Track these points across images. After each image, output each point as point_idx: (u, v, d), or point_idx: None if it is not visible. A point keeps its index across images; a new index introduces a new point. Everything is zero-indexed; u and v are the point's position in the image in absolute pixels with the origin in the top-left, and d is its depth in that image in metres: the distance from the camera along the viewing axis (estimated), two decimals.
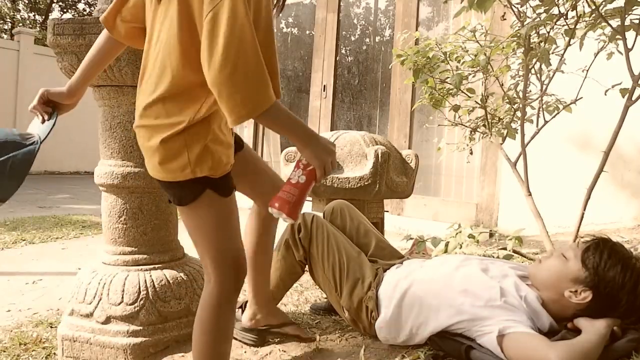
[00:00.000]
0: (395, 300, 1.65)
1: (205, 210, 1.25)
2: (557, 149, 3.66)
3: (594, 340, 1.32)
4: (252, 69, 1.10)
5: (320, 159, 1.24)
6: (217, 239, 1.29)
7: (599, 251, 1.44)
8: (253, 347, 1.80)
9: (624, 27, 1.95)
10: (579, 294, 1.42)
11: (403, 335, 1.64)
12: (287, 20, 6.92)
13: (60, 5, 17.04)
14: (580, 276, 1.43)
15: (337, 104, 5.76)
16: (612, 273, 1.40)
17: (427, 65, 2.59)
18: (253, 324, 1.76)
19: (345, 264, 1.80)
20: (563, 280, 1.45)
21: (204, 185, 1.22)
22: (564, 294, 1.44)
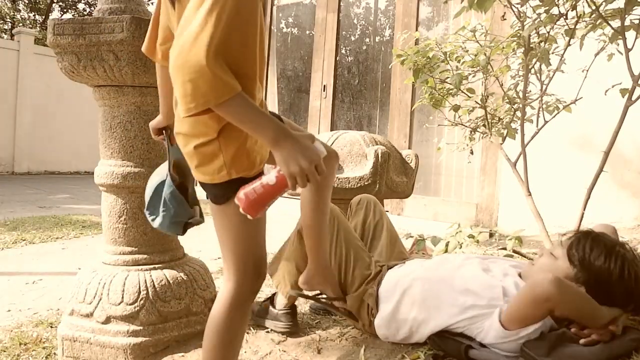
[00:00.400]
0: (395, 298, 1.67)
1: (237, 211, 1.21)
2: (557, 149, 3.66)
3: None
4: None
5: (289, 166, 1.10)
6: (243, 241, 1.30)
7: (582, 246, 1.45)
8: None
9: (624, 27, 1.95)
10: None
11: (402, 333, 1.65)
12: (287, 20, 6.92)
13: (60, 5, 17.04)
14: (570, 274, 1.44)
15: (337, 104, 5.76)
16: (597, 264, 1.41)
17: (427, 65, 2.59)
18: (307, 287, 1.77)
19: (352, 260, 1.81)
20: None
21: (238, 186, 1.19)
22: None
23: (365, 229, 2.01)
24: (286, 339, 1.90)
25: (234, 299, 1.31)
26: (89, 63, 1.77)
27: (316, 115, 5.59)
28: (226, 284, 1.33)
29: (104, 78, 1.81)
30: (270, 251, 3.76)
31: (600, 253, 1.42)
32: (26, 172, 10.83)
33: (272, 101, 6.16)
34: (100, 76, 1.80)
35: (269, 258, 3.45)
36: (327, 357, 1.73)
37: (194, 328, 1.93)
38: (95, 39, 1.74)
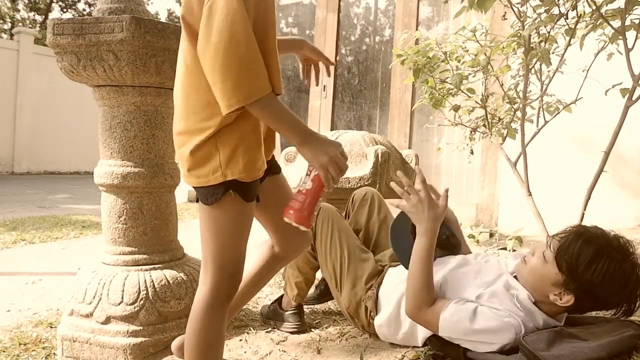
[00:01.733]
0: (396, 299, 1.67)
1: (223, 213, 1.24)
2: (557, 149, 3.66)
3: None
4: (245, 56, 1.10)
5: (318, 159, 1.19)
6: (227, 244, 1.28)
7: (570, 251, 1.39)
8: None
9: (624, 27, 1.95)
10: (563, 297, 1.42)
11: (402, 334, 1.66)
12: (287, 20, 6.92)
13: (60, 5, 17.04)
14: (559, 280, 1.41)
15: (337, 104, 5.75)
16: (588, 274, 1.36)
17: (427, 65, 2.59)
18: (178, 353, 1.61)
19: (347, 261, 1.81)
20: (545, 284, 1.44)
21: (230, 187, 1.21)
22: (549, 297, 1.44)
23: (370, 227, 2.01)
24: (286, 339, 1.90)
25: (210, 302, 1.30)
26: (88, 63, 1.77)
27: (316, 115, 5.59)
28: (202, 286, 1.32)
29: (104, 78, 1.81)
30: None
31: (592, 261, 1.36)
32: (26, 172, 10.83)
33: None
34: (100, 76, 1.80)
35: None
36: (327, 357, 1.73)
37: None
38: (95, 38, 1.73)
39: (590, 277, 1.36)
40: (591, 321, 1.56)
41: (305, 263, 1.94)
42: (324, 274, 1.90)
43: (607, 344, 1.35)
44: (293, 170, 2.68)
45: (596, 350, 1.34)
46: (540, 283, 1.45)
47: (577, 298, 1.40)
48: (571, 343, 1.37)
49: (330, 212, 1.89)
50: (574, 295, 1.40)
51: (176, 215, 2.04)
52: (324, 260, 1.85)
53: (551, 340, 1.37)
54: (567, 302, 1.41)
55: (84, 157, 11.15)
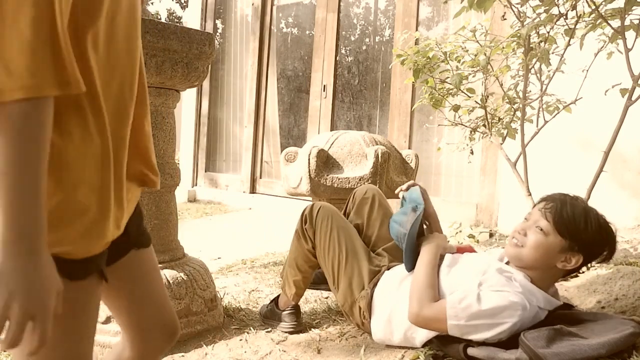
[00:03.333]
0: (391, 303, 1.68)
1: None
2: (557, 149, 3.65)
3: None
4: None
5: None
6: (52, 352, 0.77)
7: (565, 217, 1.48)
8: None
9: (624, 27, 1.95)
10: (571, 260, 1.50)
11: (397, 337, 1.66)
12: (287, 20, 6.92)
13: None
14: (564, 246, 1.49)
15: (337, 104, 5.75)
16: (586, 231, 1.47)
17: (427, 65, 2.59)
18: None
19: (344, 259, 1.82)
20: (552, 254, 1.50)
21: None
22: (557, 265, 1.51)
23: (371, 223, 2.02)
24: (286, 338, 1.90)
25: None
26: None
27: (316, 115, 5.59)
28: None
29: None
30: (271, 250, 3.76)
31: (583, 219, 1.48)
32: None
33: (272, 101, 6.17)
34: None
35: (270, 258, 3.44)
36: (327, 357, 1.73)
37: (193, 328, 1.93)
38: None
39: (588, 232, 1.47)
40: (591, 318, 1.56)
41: (305, 261, 1.95)
42: (323, 270, 1.92)
43: (607, 342, 1.35)
44: (293, 170, 2.68)
45: (596, 348, 1.34)
46: (547, 255, 1.50)
47: (583, 255, 1.49)
48: (571, 341, 1.38)
49: (330, 210, 1.91)
50: (581, 254, 1.49)
51: (176, 215, 2.04)
52: (323, 258, 1.87)
53: (551, 337, 1.38)
54: (577, 263, 1.49)
55: None
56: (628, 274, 1.94)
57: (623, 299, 1.80)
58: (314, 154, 2.50)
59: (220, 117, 6.59)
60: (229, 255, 3.42)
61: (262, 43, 6.07)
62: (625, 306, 1.76)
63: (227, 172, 6.43)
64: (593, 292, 1.91)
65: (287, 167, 2.73)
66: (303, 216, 1.94)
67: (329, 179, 2.52)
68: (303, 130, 5.96)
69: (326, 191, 2.54)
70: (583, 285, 1.99)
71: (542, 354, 1.32)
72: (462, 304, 1.46)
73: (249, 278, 2.76)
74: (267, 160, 6.13)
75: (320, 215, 1.89)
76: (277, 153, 6.07)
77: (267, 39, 6.07)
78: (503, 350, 1.43)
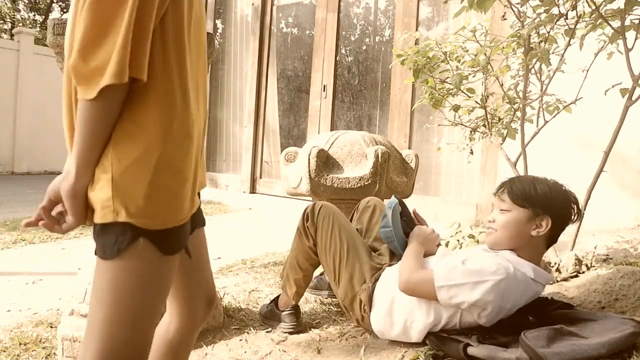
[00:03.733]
0: (391, 296, 1.72)
1: (125, 271, 0.86)
2: (557, 149, 3.65)
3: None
4: None
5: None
6: (122, 320, 0.86)
7: (518, 190, 1.63)
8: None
9: (624, 27, 1.95)
10: (541, 225, 1.60)
11: (396, 330, 1.69)
12: (287, 20, 6.92)
13: (60, 5, 17.04)
14: (529, 215, 1.61)
15: (337, 104, 5.75)
16: (542, 193, 1.60)
17: (427, 65, 2.59)
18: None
19: (346, 255, 1.86)
20: (522, 226, 1.61)
21: (139, 232, 0.85)
22: (531, 234, 1.61)
23: (371, 226, 2.09)
24: (286, 339, 1.90)
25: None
26: None
27: (316, 115, 5.59)
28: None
29: None
30: (271, 250, 3.76)
31: (533, 185, 1.62)
32: (26, 172, 10.83)
33: (272, 101, 6.17)
34: None
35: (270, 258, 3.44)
36: (327, 357, 1.73)
37: None
38: None
39: (542, 194, 1.60)
40: (591, 318, 1.56)
41: (306, 259, 1.97)
42: (324, 267, 1.94)
43: (608, 341, 1.35)
44: (292, 170, 2.68)
45: (596, 347, 1.34)
46: (518, 228, 1.62)
47: (550, 216, 1.59)
48: (571, 340, 1.38)
49: (331, 209, 1.96)
50: (547, 215, 1.59)
51: None
52: (324, 254, 1.90)
53: (551, 337, 1.38)
54: (547, 225, 1.60)
55: None
56: (628, 274, 1.95)
57: (623, 299, 1.80)
58: (314, 154, 2.50)
59: (220, 117, 6.59)
60: (229, 255, 3.42)
61: (262, 43, 6.07)
62: (625, 306, 1.76)
63: (227, 172, 6.43)
64: (593, 292, 1.91)
65: (287, 167, 2.73)
66: (305, 214, 1.97)
67: (329, 179, 2.52)
68: (303, 130, 5.96)
69: (326, 191, 2.54)
70: (583, 285, 1.99)
71: (542, 353, 1.32)
72: (448, 267, 1.59)
73: (249, 278, 2.76)
74: (267, 160, 6.14)
75: (322, 213, 1.93)
76: (277, 153, 6.07)
77: (267, 39, 6.07)
78: (503, 349, 1.43)
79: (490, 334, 1.54)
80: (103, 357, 0.86)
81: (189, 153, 0.89)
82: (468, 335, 1.53)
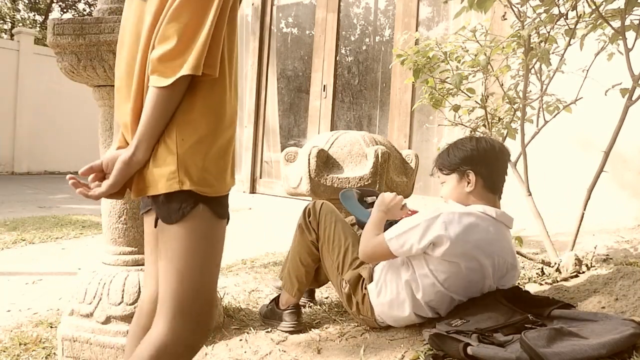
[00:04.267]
0: (386, 269, 1.85)
1: (192, 233, 1.02)
2: (557, 149, 3.66)
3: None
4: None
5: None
6: (193, 275, 1.03)
7: (440, 159, 1.86)
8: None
9: (624, 28, 1.95)
10: (469, 179, 1.78)
11: (389, 296, 1.80)
12: (287, 20, 6.93)
13: (60, 5, 17.04)
14: (456, 176, 1.81)
15: (337, 104, 5.75)
16: (456, 153, 1.81)
17: (427, 65, 2.59)
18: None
19: (350, 246, 1.94)
20: (458, 188, 1.81)
21: (197, 200, 1.01)
22: (467, 190, 1.79)
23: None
24: (286, 339, 1.90)
25: (163, 350, 1.01)
26: (89, 63, 1.77)
27: (316, 115, 5.59)
28: (157, 327, 1.04)
29: (104, 78, 1.81)
30: (271, 250, 3.75)
31: (455, 150, 1.82)
32: (26, 172, 10.83)
33: (272, 101, 6.17)
34: (100, 76, 1.80)
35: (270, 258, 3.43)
36: (327, 357, 1.73)
37: None
38: (95, 39, 1.73)
39: (456, 155, 1.80)
40: (592, 318, 1.56)
41: (308, 254, 2.02)
42: (326, 259, 1.99)
43: (608, 342, 1.35)
44: (292, 170, 2.68)
45: (596, 348, 1.34)
46: (456, 190, 1.82)
47: (471, 169, 1.77)
48: (571, 341, 1.38)
49: (330, 207, 2.06)
50: (471, 171, 1.77)
51: None
52: (328, 247, 1.98)
53: (552, 337, 1.38)
54: (474, 178, 1.77)
55: (84, 157, 11.11)
56: (628, 274, 1.94)
57: (623, 299, 1.80)
58: (314, 154, 2.50)
59: None
60: (229, 255, 3.42)
61: (262, 43, 6.07)
62: (625, 306, 1.76)
63: None
64: (593, 292, 1.90)
65: (287, 167, 2.73)
66: (306, 210, 2.06)
67: (329, 179, 2.52)
68: (303, 130, 5.96)
69: (326, 191, 2.54)
70: (583, 285, 1.99)
71: (542, 353, 1.32)
72: (397, 226, 1.77)
73: (249, 278, 2.76)
74: (267, 160, 6.14)
75: (324, 210, 2.03)
76: (277, 153, 6.07)
77: (267, 39, 6.07)
78: (503, 349, 1.43)
79: (490, 333, 1.54)
80: (180, 308, 1.02)
81: (232, 138, 1.06)
82: (468, 334, 1.53)
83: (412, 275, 1.76)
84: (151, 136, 0.98)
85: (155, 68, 0.95)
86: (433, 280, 1.72)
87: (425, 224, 1.68)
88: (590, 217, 2.31)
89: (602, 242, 2.95)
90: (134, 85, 1.02)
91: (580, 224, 2.25)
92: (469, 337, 1.51)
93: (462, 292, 1.73)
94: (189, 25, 0.94)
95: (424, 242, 1.67)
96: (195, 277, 1.03)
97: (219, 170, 1.03)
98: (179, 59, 0.94)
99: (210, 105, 1.01)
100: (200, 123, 1.00)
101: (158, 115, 0.97)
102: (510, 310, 1.65)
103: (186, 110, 0.99)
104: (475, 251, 1.67)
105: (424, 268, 1.73)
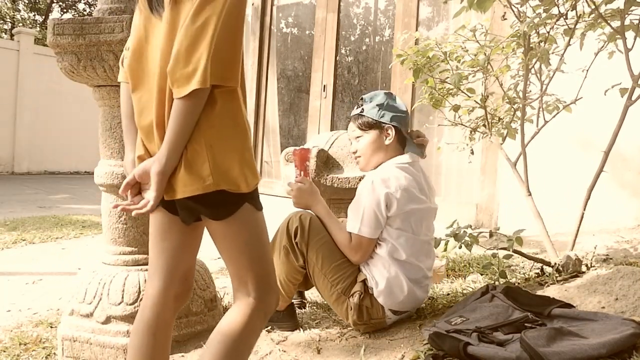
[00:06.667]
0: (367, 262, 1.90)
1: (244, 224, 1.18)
2: (557, 149, 3.65)
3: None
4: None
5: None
6: (251, 258, 1.20)
7: (360, 120, 1.96)
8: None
9: (623, 27, 1.95)
10: (388, 134, 1.92)
11: (385, 275, 1.83)
12: (287, 20, 6.93)
13: (60, 5, 17.04)
14: (380, 132, 1.93)
15: (337, 104, 5.75)
16: (371, 109, 1.93)
17: (427, 65, 2.59)
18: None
19: (342, 262, 1.86)
20: (376, 142, 1.94)
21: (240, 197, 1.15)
22: (386, 144, 1.93)
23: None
24: (286, 339, 1.90)
25: (259, 319, 1.20)
26: (89, 63, 1.77)
27: (316, 115, 5.59)
28: (244, 301, 1.20)
29: (104, 78, 1.81)
30: None
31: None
32: (26, 172, 10.83)
33: (272, 101, 6.17)
34: (100, 76, 1.80)
35: None
36: (327, 357, 1.73)
37: (193, 328, 1.93)
38: (95, 39, 1.74)
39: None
40: (592, 318, 1.56)
41: (295, 275, 1.92)
42: (319, 283, 1.89)
43: (608, 342, 1.35)
44: (292, 170, 2.68)
45: (596, 348, 1.34)
46: (374, 145, 1.95)
47: (393, 126, 1.91)
48: (572, 340, 1.38)
49: (317, 223, 1.91)
50: (387, 125, 1.92)
51: None
52: (321, 276, 1.87)
53: (552, 337, 1.38)
54: (392, 132, 1.92)
55: (84, 157, 11.15)
56: (628, 274, 1.94)
57: (623, 299, 1.80)
58: (314, 154, 2.50)
59: None
60: None
61: (262, 43, 6.07)
62: (625, 306, 1.76)
63: None
64: (593, 292, 1.90)
65: (287, 167, 2.73)
66: (292, 230, 1.89)
67: (329, 179, 2.52)
68: (303, 130, 5.96)
69: (326, 191, 2.54)
70: (583, 285, 1.99)
71: (542, 352, 1.32)
72: (350, 216, 1.88)
73: None
74: (267, 160, 6.13)
75: (312, 230, 1.88)
76: (277, 153, 6.07)
77: (267, 39, 6.07)
78: (503, 349, 1.43)
79: (490, 332, 1.54)
80: (262, 281, 1.20)
81: (249, 139, 1.18)
82: (468, 333, 1.54)
83: (387, 247, 1.85)
84: (176, 145, 1.07)
85: (171, 80, 1.05)
86: (404, 234, 1.85)
87: (370, 196, 1.82)
88: (590, 217, 2.31)
89: (602, 242, 2.95)
90: (155, 96, 1.12)
91: (580, 224, 2.25)
92: (469, 336, 1.51)
93: (425, 230, 1.92)
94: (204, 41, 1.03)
95: (382, 208, 1.81)
96: (255, 261, 1.20)
97: (247, 168, 1.14)
98: (192, 72, 1.03)
99: (231, 109, 1.12)
100: (225, 129, 1.11)
101: (181, 125, 1.06)
102: (510, 308, 1.65)
103: (210, 118, 1.09)
104: (417, 192, 1.88)
105: (391, 232, 1.85)
